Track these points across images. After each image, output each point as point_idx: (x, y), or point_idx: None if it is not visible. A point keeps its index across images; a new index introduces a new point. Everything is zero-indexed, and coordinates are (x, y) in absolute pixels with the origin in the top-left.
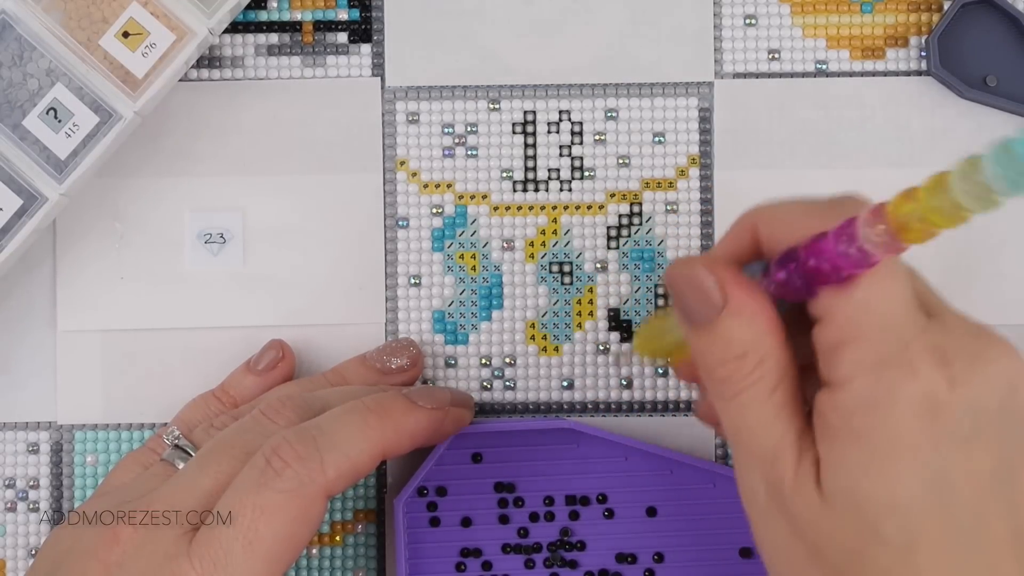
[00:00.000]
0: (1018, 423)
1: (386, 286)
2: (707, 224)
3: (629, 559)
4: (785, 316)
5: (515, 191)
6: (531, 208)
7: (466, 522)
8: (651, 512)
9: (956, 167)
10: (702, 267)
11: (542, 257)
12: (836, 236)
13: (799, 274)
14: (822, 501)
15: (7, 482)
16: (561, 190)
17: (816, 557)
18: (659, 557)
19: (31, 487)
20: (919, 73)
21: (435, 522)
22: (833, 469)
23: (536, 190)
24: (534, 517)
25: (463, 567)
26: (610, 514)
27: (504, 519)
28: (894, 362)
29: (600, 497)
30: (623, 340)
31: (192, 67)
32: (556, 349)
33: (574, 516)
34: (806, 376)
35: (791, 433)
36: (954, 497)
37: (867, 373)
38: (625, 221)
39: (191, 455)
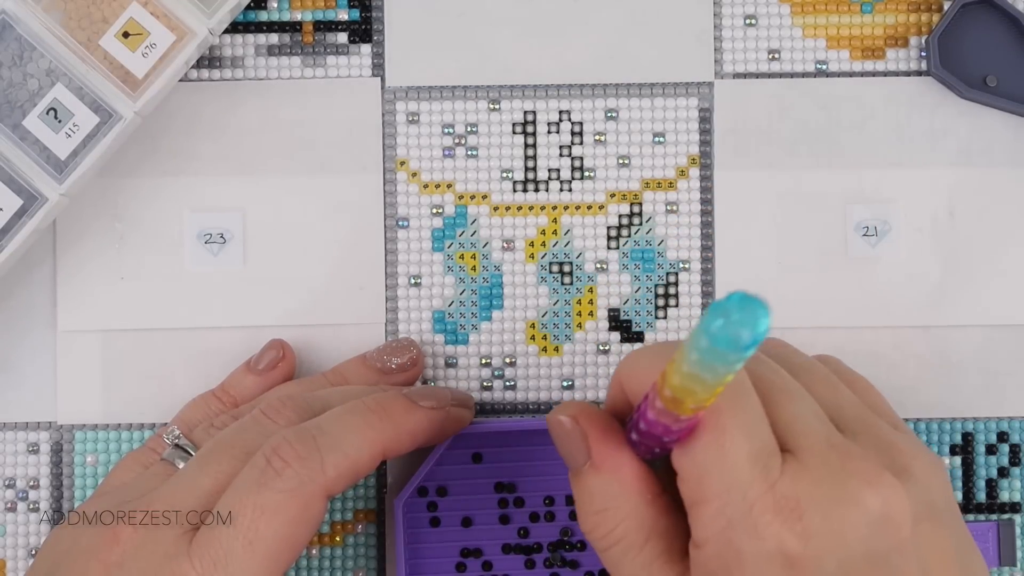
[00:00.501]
0: (896, 552)
1: (386, 286)
2: (707, 224)
3: None
4: (668, 469)
5: (515, 191)
6: (531, 208)
7: (466, 522)
8: None
9: (678, 350)
10: (570, 417)
11: (542, 257)
12: (647, 402)
13: (641, 434)
14: None
15: (7, 482)
16: (561, 190)
17: None
18: None
19: (31, 487)
20: (919, 73)
21: (435, 522)
22: None
23: (536, 190)
24: (534, 517)
25: (463, 567)
26: None
27: (504, 519)
28: (740, 526)
29: None
30: (623, 340)
31: (192, 67)
32: (556, 349)
33: (574, 516)
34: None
35: None
36: None
37: (717, 537)
38: (625, 221)
39: (191, 455)
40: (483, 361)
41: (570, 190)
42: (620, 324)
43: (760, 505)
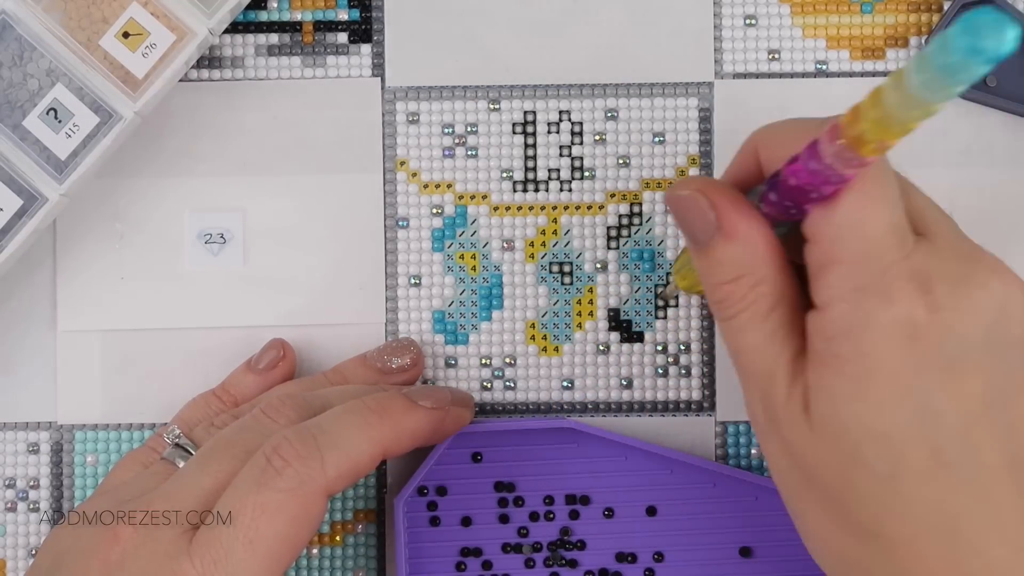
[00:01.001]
0: (1008, 348)
1: (386, 286)
2: None
3: (629, 558)
4: (788, 238)
5: (515, 191)
6: (531, 208)
7: (466, 521)
8: (651, 511)
9: (887, 80)
10: (696, 190)
11: (542, 257)
12: (806, 154)
13: (783, 194)
14: (809, 427)
15: (7, 482)
16: (561, 190)
17: (809, 479)
18: (659, 556)
19: (31, 487)
20: None
21: (435, 521)
22: (818, 395)
23: (536, 190)
24: (534, 516)
25: (463, 566)
26: (610, 513)
27: (504, 518)
28: (871, 288)
29: (600, 497)
30: (623, 340)
31: (192, 67)
32: (556, 349)
33: (574, 515)
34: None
35: (785, 357)
36: (939, 424)
37: (846, 298)
38: (625, 221)
39: (191, 454)
40: (483, 361)
41: (570, 190)
42: (620, 324)
43: (895, 270)
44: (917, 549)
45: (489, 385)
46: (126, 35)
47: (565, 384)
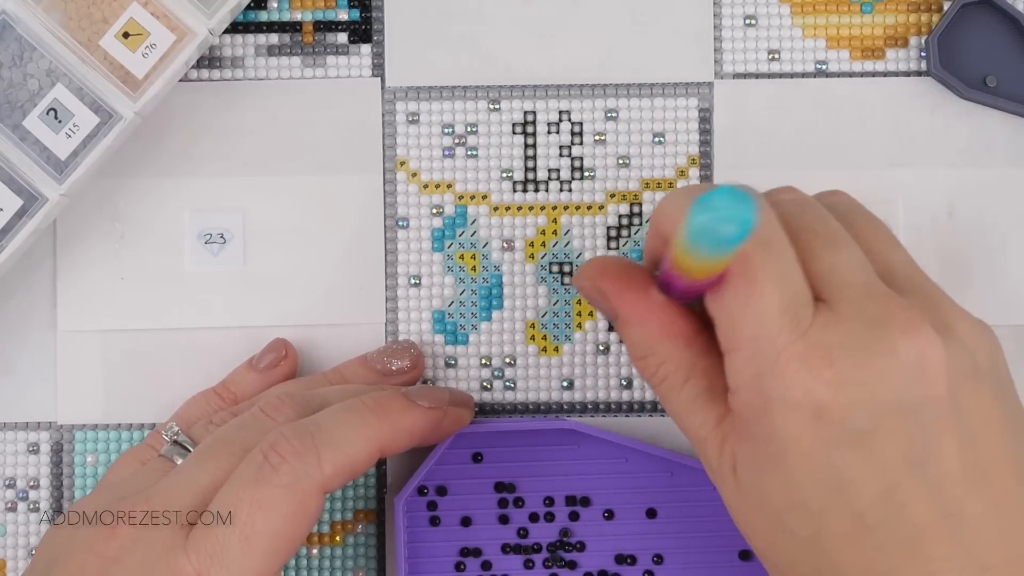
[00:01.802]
0: (927, 405)
1: (386, 286)
2: None
3: (628, 560)
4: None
5: (515, 191)
6: (531, 208)
7: (466, 522)
8: (651, 513)
9: (678, 226)
10: (589, 279)
11: (542, 257)
12: (665, 264)
13: (672, 283)
14: (738, 490)
15: (7, 482)
16: (561, 190)
17: (746, 531)
18: (658, 559)
19: (31, 487)
20: (919, 73)
21: (435, 521)
22: (742, 464)
23: (536, 190)
24: (534, 517)
25: (463, 567)
26: (610, 515)
27: (504, 519)
28: (768, 374)
29: (600, 498)
30: (622, 340)
31: (192, 67)
32: (556, 349)
33: (574, 517)
34: None
35: (710, 423)
36: (857, 492)
37: (748, 384)
38: (625, 221)
39: (189, 451)
40: (483, 361)
41: (570, 190)
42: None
43: (787, 354)
44: None
45: (489, 385)
46: (126, 35)
47: (565, 384)
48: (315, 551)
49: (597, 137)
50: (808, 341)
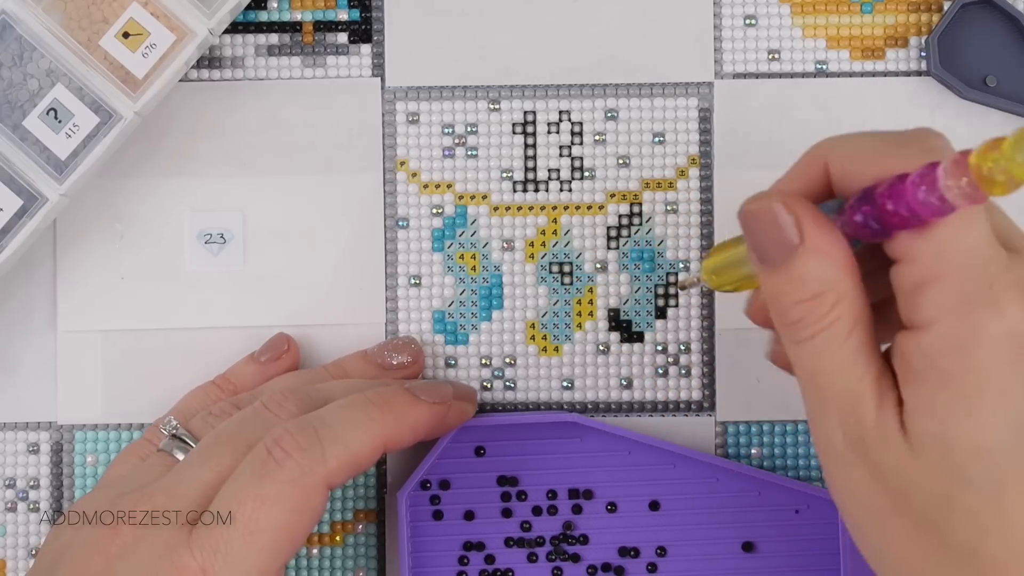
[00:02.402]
0: None
1: (386, 286)
2: (707, 224)
3: (632, 553)
4: (859, 256)
5: (515, 191)
6: (531, 208)
7: (469, 515)
8: (654, 506)
9: None
10: (779, 203)
11: (542, 257)
12: (916, 183)
13: (876, 217)
14: (907, 446)
15: (7, 482)
16: (561, 190)
17: (900, 504)
18: (662, 551)
19: (31, 487)
20: (919, 73)
21: (438, 515)
22: (919, 413)
23: (536, 190)
24: (537, 511)
25: (466, 560)
26: (613, 508)
27: (507, 512)
28: (980, 301)
29: (603, 491)
30: (623, 340)
31: (192, 67)
32: (556, 349)
33: (577, 510)
34: (878, 317)
35: (870, 376)
36: None
37: (952, 313)
38: (625, 221)
39: (188, 444)
40: (483, 361)
41: (570, 190)
42: (620, 324)
43: (1002, 281)
44: (1016, 572)
45: (489, 385)
46: (126, 35)
47: (565, 384)
48: (315, 551)
49: (597, 137)
50: (1014, 275)
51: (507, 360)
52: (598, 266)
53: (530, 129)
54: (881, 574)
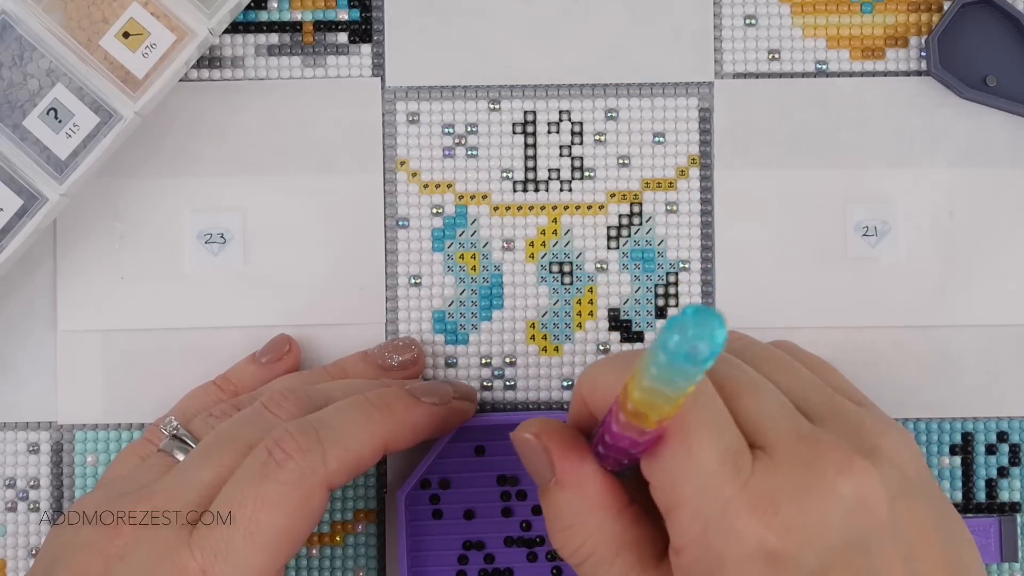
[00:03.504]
0: (873, 534)
1: (386, 286)
2: (707, 224)
3: None
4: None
5: (515, 191)
6: (531, 208)
7: (469, 515)
8: None
9: (641, 360)
10: (533, 435)
11: (542, 257)
12: (611, 416)
13: (607, 447)
14: None
15: (7, 482)
16: (561, 190)
17: None
18: None
19: (31, 487)
20: (919, 73)
21: (438, 515)
22: None
23: (536, 190)
24: (537, 510)
25: (465, 559)
26: None
27: (507, 512)
28: (717, 528)
29: None
30: (623, 340)
31: (192, 67)
32: (556, 349)
33: None
34: None
35: None
36: None
37: (694, 542)
38: (625, 221)
39: (188, 444)
40: (483, 361)
41: (570, 190)
42: (620, 324)
43: (735, 504)
44: None
45: (489, 385)
46: (126, 35)
47: (565, 384)
48: (315, 551)
49: (597, 137)
50: (751, 490)
51: (507, 360)
52: (598, 266)
53: (530, 129)
54: None
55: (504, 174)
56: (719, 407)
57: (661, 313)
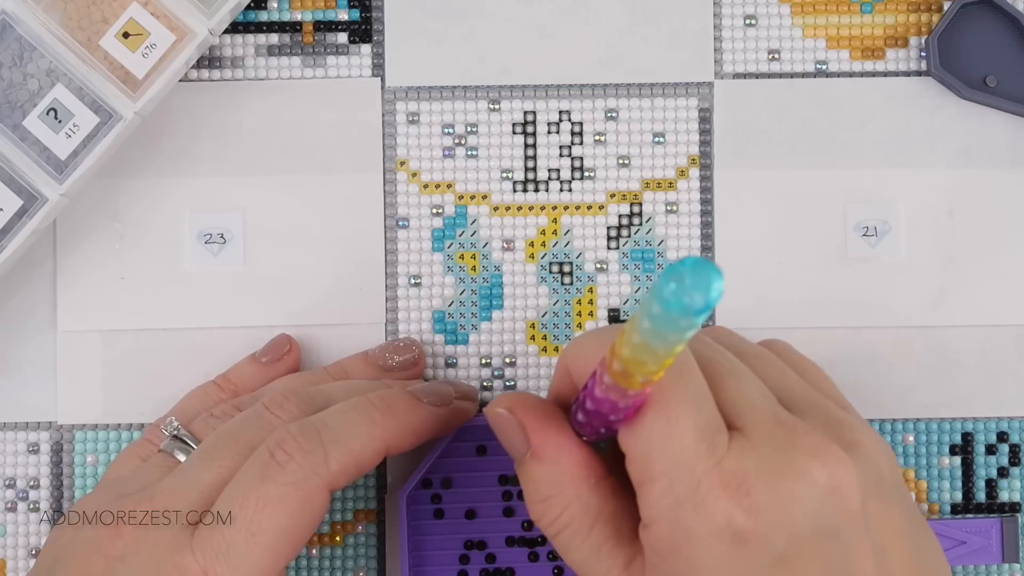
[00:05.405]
0: (844, 525)
1: (386, 286)
2: (707, 224)
3: None
4: (617, 450)
5: (515, 191)
6: (531, 208)
7: (470, 514)
8: None
9: (630, 319)
10: (506, 410)
11: (542, 257)
12: (594, 381)
13: (587, 415)
14: None
15: (7, 482)
16: (561, 190)
17: None
18: None
19: (31, 487)
20: (919, 73)
21: (439, 514)
22: None
23: (536, 190)
24: None
25: (467, 559)
26: None
27: (508, 512)
28: (687, 504)
29: None
30: None
31: (192, 67)
32: (556, 349)
33: None
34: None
35: (617, 567)
36: None
37: (663, 517)
38: (625, 221)
39: (189, 445)
40: (483, 361)
41: (570, 190)
42: (620, 324)
43: (707, 481)
44: None
45: (489, 385)
46: (126, 35)
47: None
48: (315, 551)
49: (597, 137)
50: (724, 468)
51: (507, 360)
52: (598, 266)
53: (530, 129)
54: None
55: (504, 174)
56: (701, 384)
57: None
